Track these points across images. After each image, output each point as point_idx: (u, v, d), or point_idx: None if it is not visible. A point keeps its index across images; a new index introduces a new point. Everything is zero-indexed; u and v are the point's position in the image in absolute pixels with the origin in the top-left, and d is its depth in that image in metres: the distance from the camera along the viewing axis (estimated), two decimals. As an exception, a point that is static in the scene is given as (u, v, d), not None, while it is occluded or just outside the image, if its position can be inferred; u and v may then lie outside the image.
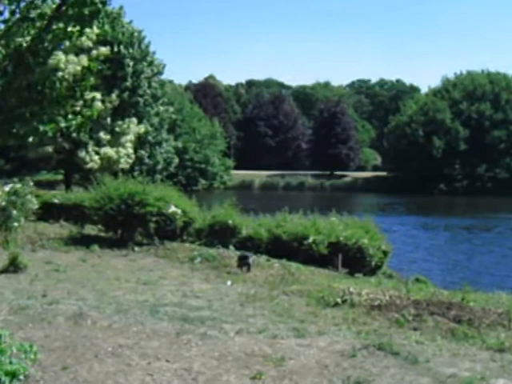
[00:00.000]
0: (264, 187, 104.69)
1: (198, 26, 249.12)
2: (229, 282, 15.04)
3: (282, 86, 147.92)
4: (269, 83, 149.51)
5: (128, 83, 51.53)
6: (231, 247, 19.97)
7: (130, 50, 51.30)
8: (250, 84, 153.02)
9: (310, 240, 19.98)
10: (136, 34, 52.63)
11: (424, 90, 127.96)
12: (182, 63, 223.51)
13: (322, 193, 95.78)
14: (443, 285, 19.70)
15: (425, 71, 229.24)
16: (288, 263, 18.18)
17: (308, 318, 11.26)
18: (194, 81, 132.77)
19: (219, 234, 20.97)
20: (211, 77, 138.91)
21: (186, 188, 60.35)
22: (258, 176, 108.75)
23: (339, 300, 12.54)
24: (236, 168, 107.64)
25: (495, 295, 17.29)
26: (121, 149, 48.40)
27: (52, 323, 10.27)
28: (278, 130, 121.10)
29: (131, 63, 51.36)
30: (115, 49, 49.00)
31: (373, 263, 20.57)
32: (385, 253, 21.26)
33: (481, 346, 10.03)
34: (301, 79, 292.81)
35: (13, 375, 6.57)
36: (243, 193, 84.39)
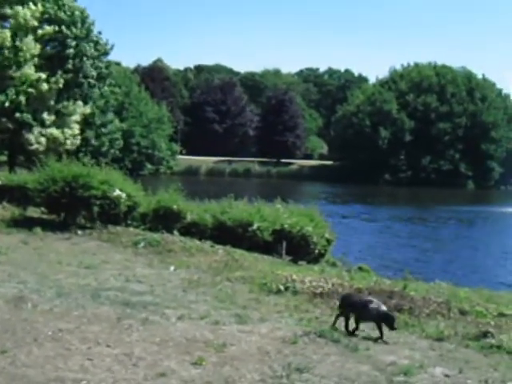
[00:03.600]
0: (210, 173, 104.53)
1: (148, 9, 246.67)
2: (172, 268, 14.97)
3: (230, 71, 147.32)
4: (218, 69, 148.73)
5: (70, 64, 50.42)
6: (175, 232, 19.87)
7: (73, 30, 50.08)
8: (199, 69, 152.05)
9: (255, 227, 19.97)
10: (78, 12, 51.22)
11: (372, 80, 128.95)
12: (130, 46, 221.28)
13: (269, 180, 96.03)
14: (385, 273, 19.90)
15: (373, 62, 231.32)
16: (232, 249, 18.15)
17: (250, 305, 11.28)
18: (143, 64, 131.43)
19: (164, 219, 20.81)
20: (159, 60, 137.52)
21: (131, 172, 59.76)
22: (205, 162, 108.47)
23: (282, 287, 12.59)
24: (183, 153, 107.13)
25: (436, 285, 17.55)
26: (66, 129, 47.76)
27: (-9, 306, 10.11)
28: (226, 116, 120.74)
29: (74, 43, 50.16)
30: (57, 28, 47.94)
31: (316, 251, 20.66)
32: (328, 241, 21.37)
33: (420, 334, 10.19)
34: (250, 66, 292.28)
35: None
36: (189, 178, 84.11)
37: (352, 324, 9.68)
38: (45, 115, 47.02)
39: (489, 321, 11.60)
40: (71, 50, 50.27)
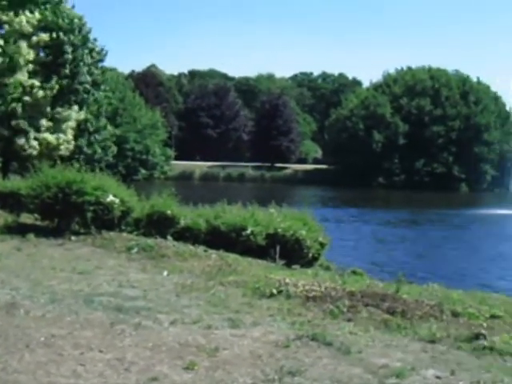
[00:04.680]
0: (204, 178, 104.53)
1: (142, 15, 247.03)
2: (165, 273, 14.98)
3: (224, 77, 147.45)
4: (212, 74, 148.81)
5: (67, 70, 50.66)
6: (169, 237, 19.87)
7: (71, 37, 50.40)
8: (193, 74, 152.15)
9: (249, 231, 19.97)
10: (76, 20, 51.67)
11: (366, 84, 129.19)
12: (124, 52, 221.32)
13: (263, 184, 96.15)
14: (378, 277, 19.93)
15: (367, 65, 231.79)
16: (226, 254, 18.15)
17: (243, 309, 11.28)
18: (137, 70, 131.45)
19: (157, 224, 20.80)
20: (153, 66, 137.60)
21: (125, 178, 59.72)
22: (199, 167, 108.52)
23: (275, 291, 12.60)
24: (177, 158, 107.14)
25: (429, 287, 17.58)
26: (61, 135, 47.79)
27: (-17, 313, 10.10)
28: (220, 121, 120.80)
29: (70, 50, 50.46)
30: (54, 35, 48.19)
31: (310, 255, 20.67)
32: (322, 245, 21.38)
33: (413, 337, 10.21)
34: (244, 71, 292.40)
35: None
36: (183, 183, 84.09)
37: None
38: (41, 121, 47.07)
39: (481, 323, 11.63)
40: (69, 56, 50.43)
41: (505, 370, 8.98)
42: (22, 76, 45.12)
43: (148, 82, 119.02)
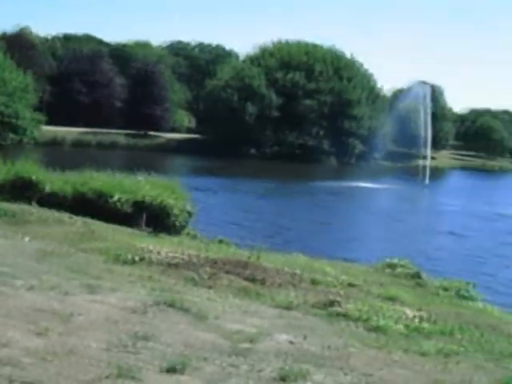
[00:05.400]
0: (76, 144, 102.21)
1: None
2: (27, 238, 14.65)
3: (100, 42, 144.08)
4: (87, 39, 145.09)
5: None
6: (34, 203, 19.46)
7: None
8: (67, 38, 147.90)
9: (115, 198, 19.84)
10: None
11: (242, 56, 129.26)
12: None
13: (135, 153, 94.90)
14: (244, 246, 20.21)
15: (244, 38, 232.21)
16: (91, 221, 17.98)
17: (103, 275, 11.19)
18: (9, 31, 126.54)
19: (21, 190, 20.33)
20: (26, 28, 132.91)
21: (-7, 142, 57.83)
22: (71, 133, 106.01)
23: (137, 258, 12.58)
24: (48, 124, 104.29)
25: (293, 256, 18.01)
26: None
27: None
28: (93, 88, 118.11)
29: None
30: None
31: (177, 223, 20.77)
32: (189, 213, 21.53)
33: (270, 303, 10.43)
34: (120, 37, 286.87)
35: None
36: (54, 149, 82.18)
37: None
38: None
39: (338, 290, 12.03)
40: None
41: (356, 335, 9.33)
42: None
43: (20, 45, 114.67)
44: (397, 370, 7.93)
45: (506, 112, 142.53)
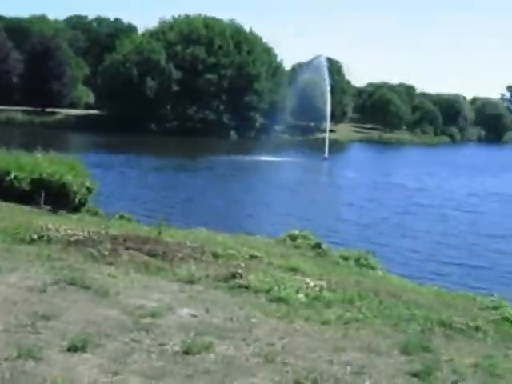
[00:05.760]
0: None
1: None
2: None
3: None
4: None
5: None
6: None
7: None
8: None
9: (12, 176, 19.36)
10: None
11: (142, 30, 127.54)
12: None
13: (33, 129, 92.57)
14: (146, 221, 20.11)
15: (143, 12, 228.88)
16: (-14, 200, 17.51)
17: (1, 255, 10.91)
18: None
19: None
20: None
21: None
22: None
23: (36, 236, 12.31)
24: None
25: (195, 231, 18.01)
26: None
27: None
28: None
29: None
30: None
31: (77, 200, 20.42)
32: (89, 190, 21.19)
33: (172, 278, 10.41)
34: (15, 11, 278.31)
35: None
36: None
37: None
38: None
39: (239, 263, 12.10)
40: None
41: (258, 306, 9.43)
42: None
43: None
44: (299, 339, 8.07)
45: (401, 85, 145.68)
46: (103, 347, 6.83)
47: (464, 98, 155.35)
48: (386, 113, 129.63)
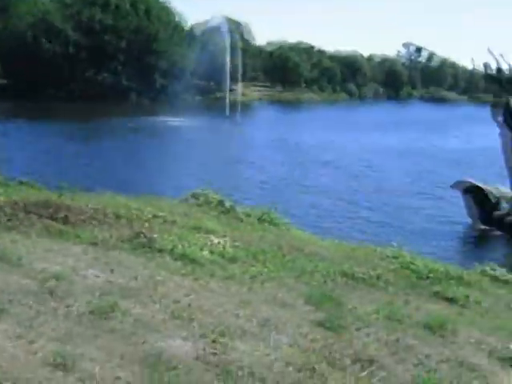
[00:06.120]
0: None
1: None
2: None
3: None
4: None
5: None
6: None
7: None
8: None
9: None
10: None
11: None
12: None
13: None
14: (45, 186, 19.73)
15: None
16: None
17: None
18: None
19: None
20: None
21: None
22: None
23: None
24: None
25: (98, 194, 17.85)
26: None
27: None
28: None
29: None
30: None
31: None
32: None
33: (74, 241, 10.33)
34: None
35: None
36: None
37: None
38: None
39: (143, 223, 12.10)
40: None
41: (163, 265, 9.49)
42: None
43: None
44: (204, 294, 8.18)
45: (300, 43, 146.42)
46: (7, 312, 6.72)
47: (361, 55, 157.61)
48: (285, 71, 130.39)
